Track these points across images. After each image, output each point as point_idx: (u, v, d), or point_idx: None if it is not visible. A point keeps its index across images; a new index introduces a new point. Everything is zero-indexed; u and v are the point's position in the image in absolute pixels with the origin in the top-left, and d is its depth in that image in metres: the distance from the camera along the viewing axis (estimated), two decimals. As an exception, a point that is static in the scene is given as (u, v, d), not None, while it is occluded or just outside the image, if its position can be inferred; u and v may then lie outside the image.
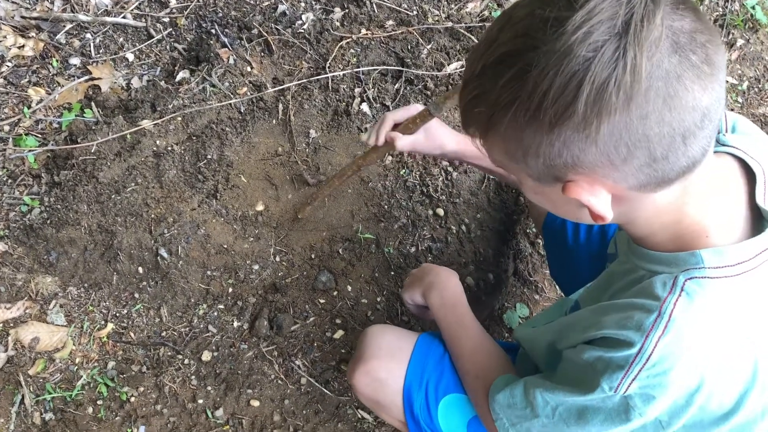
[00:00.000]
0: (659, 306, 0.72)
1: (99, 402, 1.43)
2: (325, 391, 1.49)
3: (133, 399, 1.44)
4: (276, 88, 1.70)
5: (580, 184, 0.69)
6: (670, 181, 0.69)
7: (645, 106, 0.61)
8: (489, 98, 0.67)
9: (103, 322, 1.50)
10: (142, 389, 1.45)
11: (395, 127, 1.18)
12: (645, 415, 0.76)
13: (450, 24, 1.84)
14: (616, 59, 0.59)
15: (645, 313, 0.73)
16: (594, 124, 0.62)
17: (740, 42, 2.05)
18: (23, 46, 1.76)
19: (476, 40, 1.81)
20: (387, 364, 1.12)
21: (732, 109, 1.98)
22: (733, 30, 2.06)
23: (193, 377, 1.47)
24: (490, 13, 1.88)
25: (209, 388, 1.47)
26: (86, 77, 1.76)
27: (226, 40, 1.77)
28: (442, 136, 1.23)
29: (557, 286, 1.72)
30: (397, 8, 1.84)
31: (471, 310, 1.19)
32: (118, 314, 1.51)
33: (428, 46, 1.80)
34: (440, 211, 1.64)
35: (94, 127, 1.64)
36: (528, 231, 1.72)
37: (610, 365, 0.75)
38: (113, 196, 1.56)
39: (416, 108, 1.16)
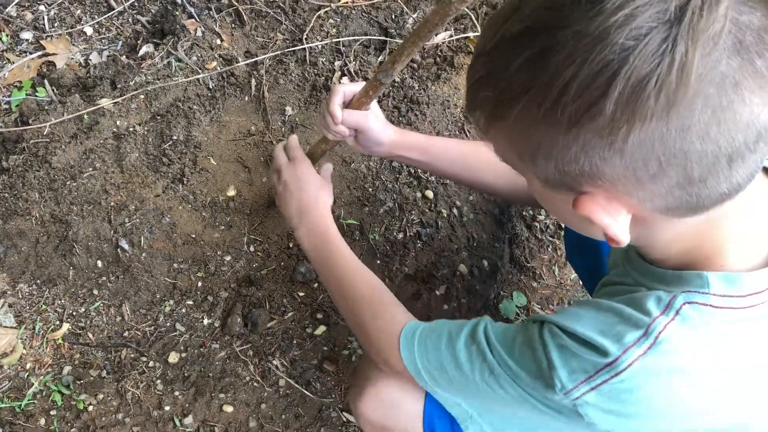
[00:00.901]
0: (648, 324, 0.61)
1: (52, 412, 1.28)
2: (306, 392, 1.35)
3: (91, 408, 1.29)
4: (248, 62, 1.54)
5: (596, 199, 0.57)
6: (703, 208, 0.56)
7: (689, 116, 0.49)
8: (499, 82, 0.55)
9: (57, 323, 1.35)
10: (101, 396, 1.30)
11: (347, 105, 1.03)
12: (595, 426, 0.66)
13: (437, -9, 1.69)
14: (663, 53, 0.47)
15: (630, 326, 0.62)
16: (623, 129, 0.50)
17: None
18: (-33, 19, 1.60)
19: (465, 8, 1.67)
20: (402, 384, 0.97)
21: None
22: None
23: (158, 381, 1.33)
24: (481, -20, 1.74)
25: (177, 393, 1.32)
26: (39, 53, 1.60)
27: (193, 10, 1.62)
28: (379, 131, 1.08)
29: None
30: (380, -25, 1.70)
31: (340, 238, 1.08)
32: (74, 313, 1.36)
33: (414, 15, 1.65)
34: (429, 194, 1.50)
35: (47, 107, 1.49)
36: (524, 214, 1.59)
37: (571, 363, 0.65)
38: (68, 183, 1.41)
39: (362, 83, 1.02)
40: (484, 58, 0.57)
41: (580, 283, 1.59)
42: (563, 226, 1.59)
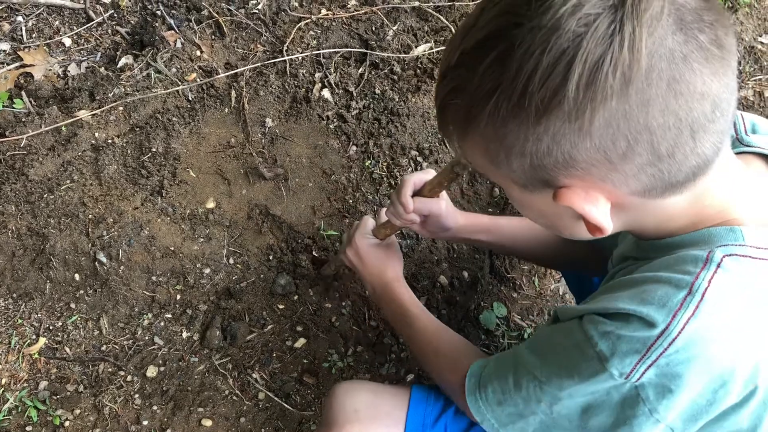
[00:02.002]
0: (691, 282, 0.59)
1: (28, 428, 1.26)
2: (286, 406, 1.35)
3: (67, 423, 1.27)
4: (228, 73, 1.54)
5: (574, 190, 0.60)
6: (678, 184, 0.59)
7: (646, 91, 0.52)
8: (468, 88, 0.58)
9: (34, 337, 1.34)
10: (78, 411, 1.29)
11: (417, 193, 1.04)
12: (656, 412, 0.63)
13: (417, 3, 1.71)
14: (612, 34, 0.51)
15: (672, 288, 0.60)
16: (587, 111, 0.53)
17: (721, 23, 1.96)
18: (-57, 30, 1.59)
19: (446, 21, 1.69)
20: (367, 428, 0.95)
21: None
22: (715, 10, 1.97)
23: (136, 396, 1.31)
24: (461, -8, 1.75)
25: (155, 407, 1.31)
26: (17, 64, 1.59)
27: (172, 22, 1.61)
28: (448, 218, 1.10)
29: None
30: (360, -13, 1.71)
31: (409, 293, 1.11)
32: (51, 327, 1.35)
33: (394, 27, 1.66)
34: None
35: (24, 119, 1.48)
36: (505, 225, 1.60)
37: (622, 347, 0.62)
38: (45, 195, 1.40)
39: (432, 172, 1.04)
40: (450, 73, 0.60)
41: (561, 292, 1.60)
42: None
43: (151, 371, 1.33)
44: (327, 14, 1.66)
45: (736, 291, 0.60)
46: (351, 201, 1.49)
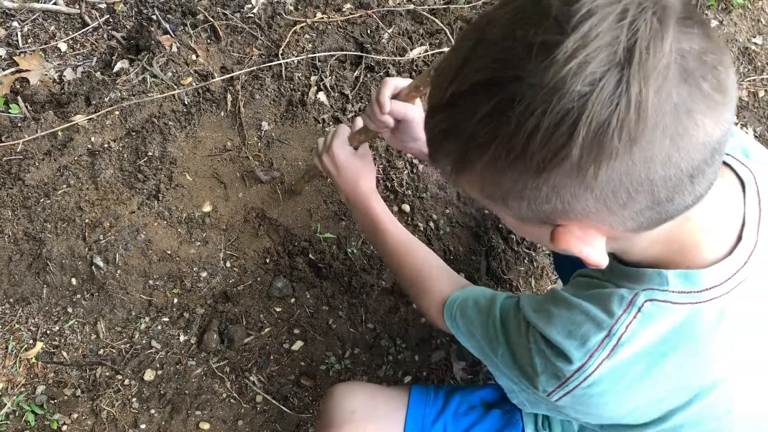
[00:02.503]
0: (611, 325, 0.66)
1: (25, 432, 1.27)
2: (284, 408, 1.35)
3: (65, 427, 1.28)
4: (224, 77, 1.55)
5: (570, 230, 0.60)
6: (671, 218, 0.59)
7: (650, 148, 0.51)
8: (462, 133, 0.56)
9: (31, 341, 1.34)
10: (75, 416, 1.29)
11: (395, 97, 1.03)
12: (576, 421, 0.76)
13: (412, 6, 1.71)
14: (619, 95, 0.48)
15: (594, 327, 0.67)
16: (591, 169, 0.52)
17: (714, 23, 1.97)
18: (-61, 35, 1.59)
19: (441, 24, 1.69)
20: (364, 429, 0.97)
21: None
22: (707, 10, 1.98)
23: (134, 399, 1.32)
24: (455, -5, 1.76)
25: (153, 411, 1.31)
26: (13, 69, 1.59)
27: (168, 26, 1.62)
28: (421, 126, 1.07)
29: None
30: (355, -10, 1.71)
31: (382, 205, 1.14)
32: (48, 332, 1.35)
33: (389, 30, 1.67)
34: (406, 207, 1.51)
35: (20, 124, 1.48)
36: (500, 226, 1.60)
37: (549, 370, 0.70)
38: (42, 200, 1.40)
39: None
40: (441, 112, 0.58)
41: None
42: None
43: (149, 375, 1.33)
44: (322, 17, 1.67)
45: (650, 335, 0.65)
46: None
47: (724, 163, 0.71)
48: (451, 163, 0.60)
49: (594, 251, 0.61)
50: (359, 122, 1.16)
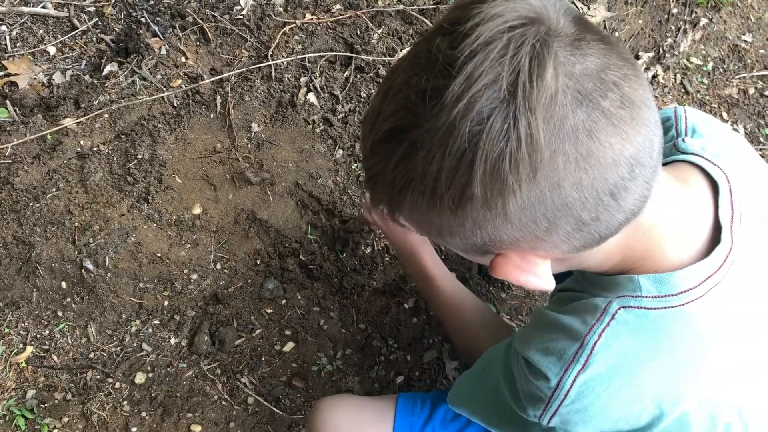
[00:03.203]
0: (584, 335, 0.65)
1: (15, 437, 1.26)
2: (276, 410, 1.35)
3: (56, 431, 1.27)
4: (213, 79, 1.55)
5: (509, 257, 0.60)
6: (610, 235, 0.58)
7: (555, 175, 0.51)
8: (384, 180, 0.58)
9: (21, 346, 1.33)
10: (66, 420, 1.28)
11: None
12: None
13: (402, 7, 1.71)
14: (507, 131, 0.49)
15: (569, 340, 0.66)
16: (499, 204, 0.52)
17: (703, 21, 1.97)
18: (-73, 40, 1.59)
19: (430, 24, 1.69)
20: None
21: (698, 91, 1.89)
22: (696, 8, 1.98)
23: (125, 402, 1.31)
24: (445, -5, 1.76)
25: (144, 413, 1.31)
26: (1, 73, 1.59)
27: (157, 29, 1.62)
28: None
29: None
30: (345, -9, 1.71)
31: (434, 259, 1.13)
32: (38, 336, 1.34)
33: (379, 31, 1.67)
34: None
35: (9, 128, 1.48)
36: (492, 226, 1.61)
37: (533, 395, 0.70)
38: (31, 204, 1.40)
39: None
40: (367, 160, 0.60)
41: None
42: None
43: (140, 378, 1.33)
44: (312, 19, 1.67)
45: (624, 342, 0.64)
46: (338, 203, 1.49)
47: (694, 164, 0.70)
48: (385, 206, 0.62)
49: (534, 278, 0.61)
50: None
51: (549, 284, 0.62)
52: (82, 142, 1.46)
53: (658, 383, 0.65)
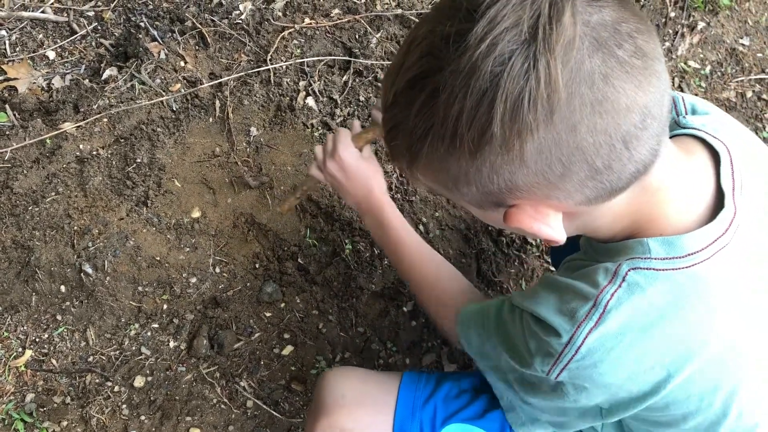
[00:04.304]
0: (596, 295, 0.67)
1: (14, 441, 1.26)
2: (275, 413, 1.35)
3: (54, 435, 1.27)
4: (212, 83, 1.55)
5: (523, 208, 0.62)
6: (621, 189, 0.61)
7: (571, 117, 0.53)
8: (405, 128, 0.60)
9: (20, 350, 1.33)
10: (65, 423, 1.28)
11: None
12: (579, 402, 0.73)
13: (400, 11, 1.72)
14: (527, 71, 0.52)
15: (581, 300, 0.68)
16: (517, 144, 0.54)
17: (701, 25, 1.98)
18: (-73, 45, 1.59)
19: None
20: (353, 413, 0.98)
21: (696, 95, 1.90)
22: (694, 12, 1.99)
23: (124, 406, 1.31)
24: (443, -1, 1.77)
25: (143, 417, 1.31)
26: (1, 78, 1.59)
27: (156, 33, 1.62)
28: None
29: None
30: (343, -4, 1.72)
31: (396, 213, 1.12)
32: (37, 339, 1.35)
33: (377, 35, 1.68)
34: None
35: (8, 132, 1.48)
36: (490, 229, 1.61)
37: (542, 349, 0.72)
38: (30, 208, 1.40)
39: None
40: (388, 111, 0.62)
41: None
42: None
43: (139, 381, 1.33)
44: (310, 23, 1.67)
45: (635, 302, 0.66)
46: (336, 206, 1.49)
47: (697, 137, 0.74)
48: (404, 159, 0.64)
49: (547, 227, 0.63)
50: (357, 124, 1.16)
51: (561, 235, 0.64)
52: (81, 146, 1.46)
53: (666, 342, 0.67)
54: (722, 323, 0.67)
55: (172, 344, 1.37)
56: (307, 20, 1.68)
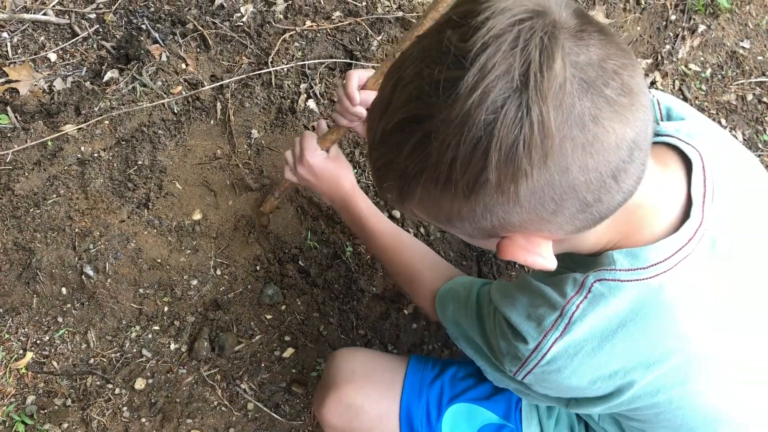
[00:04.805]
0: (563, 305, 0.71)
1: (15, 443, 1.26)
2: (275, 416, 1.35)
3: (55, 437, 1.27)
4: (213, 86, 1.55)
5: (515, 240, 0.64)
6: (608, 216, 0.62)
7: (564, 159, 0.55)
8: (396, 168, 0.60)
9: (21, 352, 1.33)
10: (66, 425, 1.29)
11: (362, 87, 1.06)
12: (541, 398, 0.80)
13: (401, 14, 1.72)
14: (521, 118, 0.52)
15: (550, 308, 0.72)
16: (512, 187, 0.56)
17: (702, 28, 1.98)
18: (-72, 47, 1.60)
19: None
20: (362, 388, 1.02)
21: (696, 97, 1.90)
22: (694, 15, 1.99)
23: (124, 408, 1.31)
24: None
25: (144, 419, 1.31)
26: (2, 80, 1.59)
27: (157, 35, 1.62)
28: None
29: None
30: (344, -2, 1.72)
31: (366, 202, 1.16)
32: (38, 341, 1.35)
33: (378, 38, 1.68)
34: (396, 213, 1.51)
35: (9, 134, 1.48)
36: (491, 231, 1.61)
37: (510, 352, 0.76)
38: (32, 210, 1.40)
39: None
40: (376, 150, 0.62)
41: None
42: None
43: (140, 383, 1.33)
44: (311, 25, 1.68)
45: (599, 312, 0.69)
46: (337, 210, 1.49)
47: (670, 145, 0.76)
48: (394, 195, 0.64)
49: (540, 258, 0.64)
50: (323, 125, 1.19)
51: (552, 263, 0.66)
52: (82, 149, 1.46)
53: (628, 350, 0.70)
54: (687, 330, 0.69)
55: (173, 346, 1.37)
56: (308, 23, 1.68)
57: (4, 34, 1.65)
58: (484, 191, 0.56)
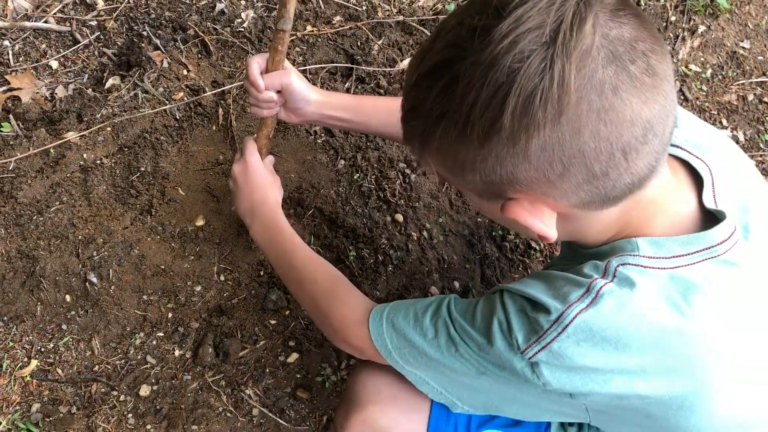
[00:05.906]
0: (589, 283, 0.69)
1: (20, 451, 1.26)
2: (281, 421, 1.35)
3: (60, 445, 1.27)
4: (215, 91, 1.56)
5: (521, 202, 0.66)
6: (615, 198, 0.64)
7: (577, 120, 0.57)
8: (422, 111, 0.64)
9: (25, 360, 1.33)
10: (71, 433, 1.29)
11: (264, 72, 1.08)
12: (549, 385, 0.72)
13: (401, 18, 1.73)
14: (543, 70, 0.56)
15: (574, 286, 0.70)
16: (523, 138, 0.58)
17: (702, 28, 1.98)
18: (-70, 55, 1.60)
19: (429, 34, 1.70)
20: (388, 410, 0.97)
21: (697, 98, 1.90)
22: (694, 16, 1.99)
23: (129, 415, 1.31)
24: (444, 6, 1.77)
25: (149, 426, 1.31)
26: (4, 88, 1.60)
27: (159, 42, 1.63)
28: (303, 89, 1.12)
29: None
30: (345, 3, 1.72)
31: (288, 227, 1.14)
32: (43, 349, 1.34)
33: (379, 42, 1.68)
34: (399, 217, 1.51)
35: (12, 142, 1.48)
36: (494, 234, 1.61)
37: (524, 328, 0.71)
38: (35, 218, 1.40)
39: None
40: (409, 92, 0.67)
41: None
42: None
43: (144, 390, 1.33)
44: (312, 30, 1.68)
45: (624, 293, 0.67)
46: (341, 213, 1.49)
47: (679, 158, 0.77)
48: (417, 141, 0.67)
49: (540, 223, 0.66)
50: (249, 141, 1.20)
51: (552, 233, 0.67)
52: (85, 156, 1.47)
53: (646, 336, 0.68)
54: (700, 323, 0.69)
55: (177, 353, 1.37)
56: (309, 27, 1.69)
57: (6, 42, 1.66)
58: (498, 138, 0.58)
